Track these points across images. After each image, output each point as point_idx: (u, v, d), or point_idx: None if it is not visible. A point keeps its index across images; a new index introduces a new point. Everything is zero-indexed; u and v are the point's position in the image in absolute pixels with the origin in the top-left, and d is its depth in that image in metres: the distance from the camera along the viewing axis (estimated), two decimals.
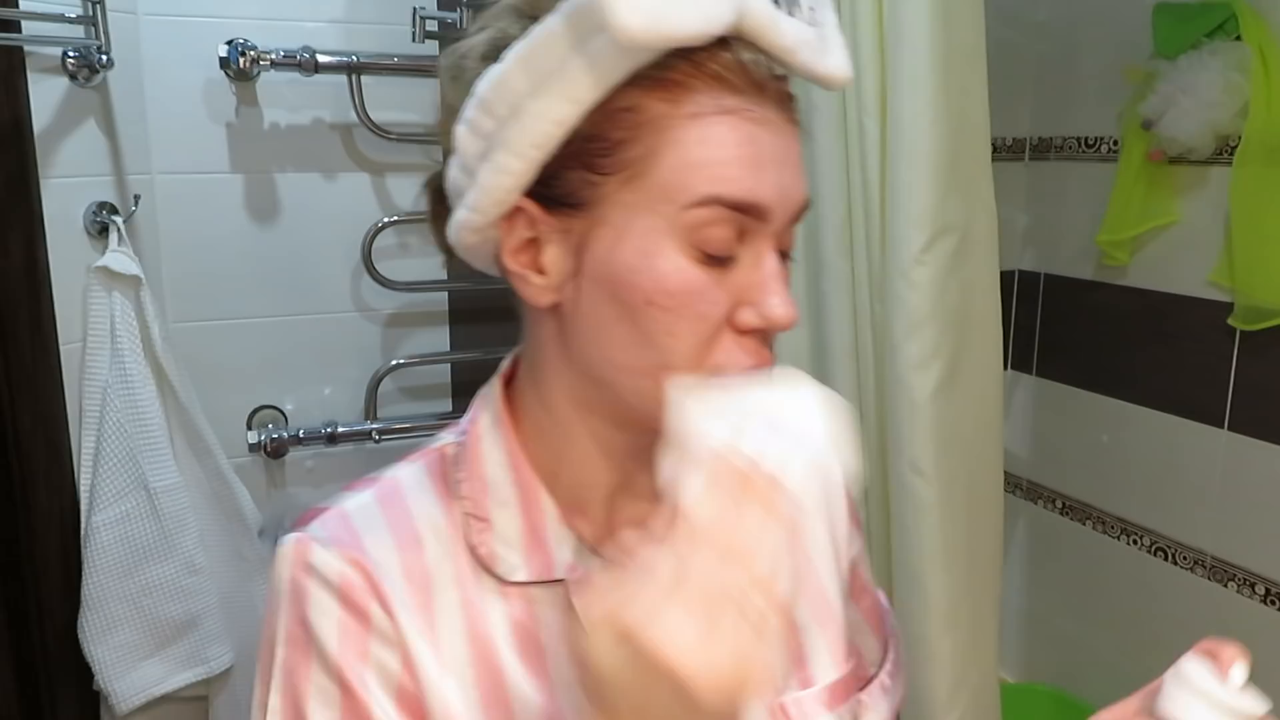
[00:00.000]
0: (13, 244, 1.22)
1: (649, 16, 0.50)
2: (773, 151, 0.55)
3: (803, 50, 0.56)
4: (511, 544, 0.61)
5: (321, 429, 1.55)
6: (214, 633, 1.39)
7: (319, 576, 0.58)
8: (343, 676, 0.57)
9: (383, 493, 0.64)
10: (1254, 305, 1.55)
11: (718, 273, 0.55)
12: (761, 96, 0.55)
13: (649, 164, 0.54)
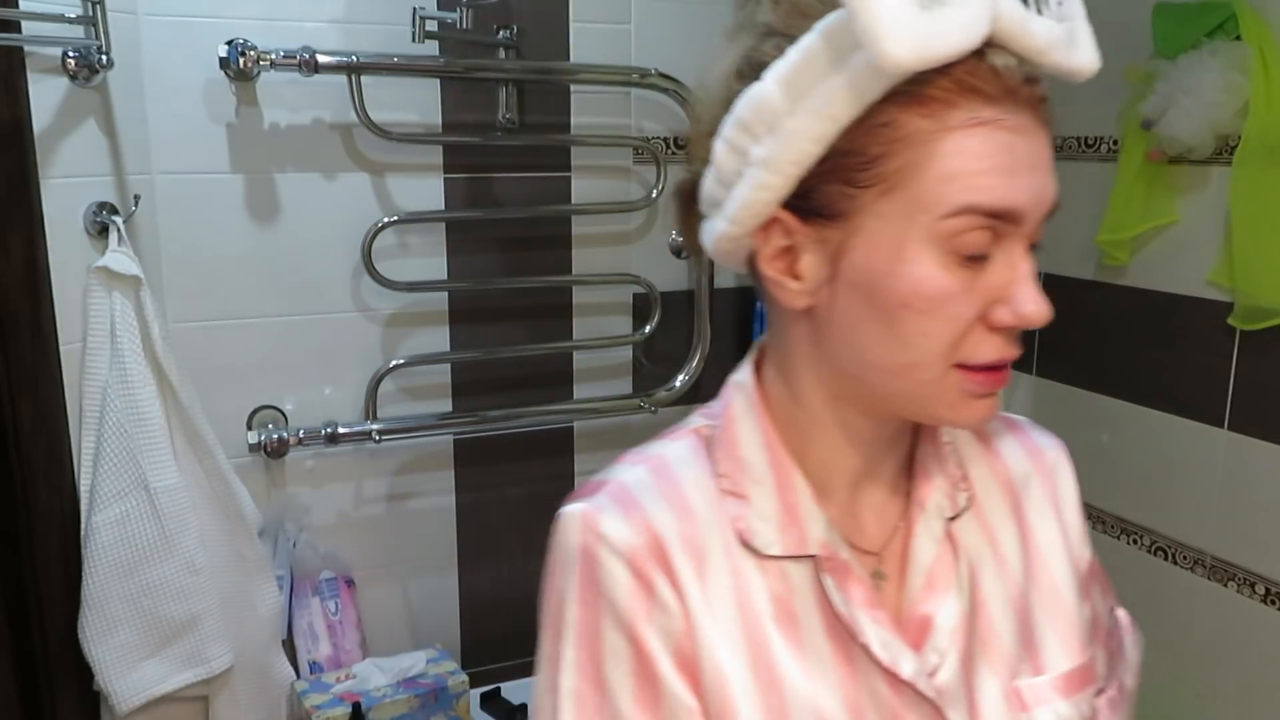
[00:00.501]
0: (13, 244, 1.22)
1: (914, 43, 0.52)
2: (1026, 157, 0.57)
3: (1053, 50, 0.57)
4: (767, 520, 0.65)
5: (321, 429, 1.55)
6: (214, 633, 1.39)
7: (609, 545, 0.62)
8: (633, 635, 0.61)
9: (654, 466, 0.67)
10: (1254, 305, 1.55)
11: (971, 274, 0.58)
12: (1015, 103, 0.57)
13: (906, 176, 0.57)
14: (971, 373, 0.60)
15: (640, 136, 1.75)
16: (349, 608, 1.62)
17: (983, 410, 0.62)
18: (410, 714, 1.50)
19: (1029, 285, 0.59)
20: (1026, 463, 0.73)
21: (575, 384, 1.80)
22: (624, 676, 0.61)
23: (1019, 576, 0.69)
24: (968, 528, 0.69)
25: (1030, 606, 0.69)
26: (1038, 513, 0.72)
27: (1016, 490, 0.72)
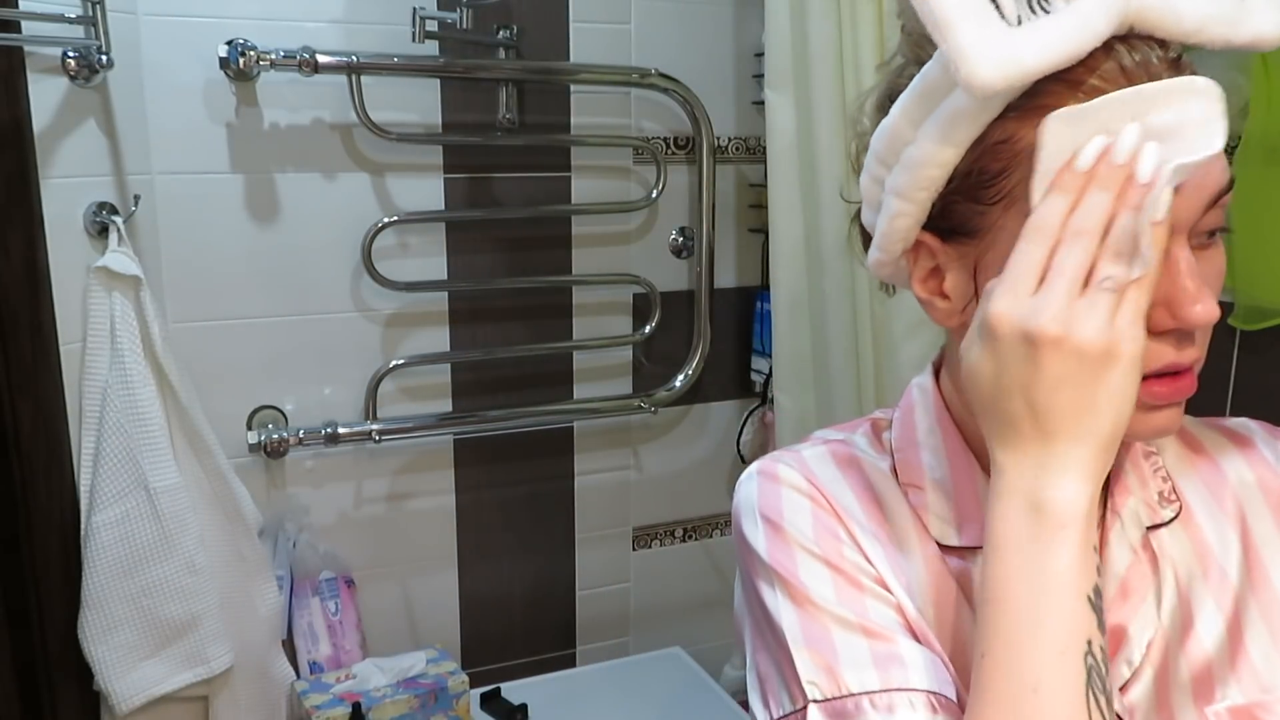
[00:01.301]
0: (13, 244, 1.22)
1: (1000, 65, 0.51)
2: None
3: (1211, 27, 0.54)
4: (945, 514, 0.65)
5: (321, 429, 1.55)
6: (214, 633, 1.39)
7: (788, 483, 0.66)
8: (827, 558, 0.62)
9: (835, 448, 0.69)
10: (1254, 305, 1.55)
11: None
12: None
13: (1027, 188, 0.55)
14: (1144, 384, 0.55)
15: (640, 136, 1.75)
16: (349, 608, 1.62)
17: (1161, 422, 0.57)
18: (410, 714, 1.50)
19: (1188, 281, 0.54)
20: (1247, 471, 0.68)
21: (575, 384, 1.80)
22: (827, 586, 0.62)
23: (1236, 585, 0.64)
24: (1175, 539, 0.65)
25: (1246, 618, 0.64)
26: (1264, 524, 0.66)
27: (1240, 499, 0.67)
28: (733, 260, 1.87)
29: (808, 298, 1.51)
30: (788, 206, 1.50)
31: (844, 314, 1.45)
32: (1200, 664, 0.62)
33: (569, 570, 1.86)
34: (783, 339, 1.55)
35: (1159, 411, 0.57)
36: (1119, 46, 0.53)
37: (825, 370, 1.50)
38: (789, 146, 1.48)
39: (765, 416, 1.86)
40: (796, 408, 1.56)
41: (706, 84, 1.73)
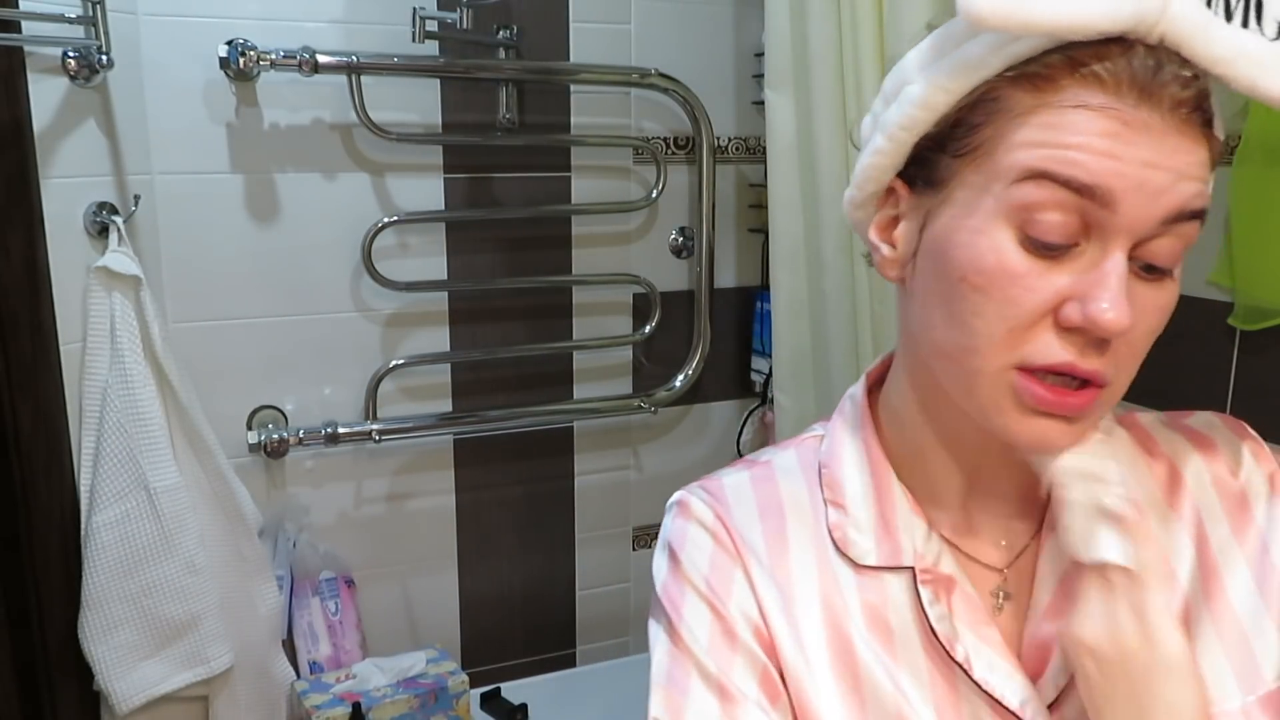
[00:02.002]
0: (13, 244, 1.22)
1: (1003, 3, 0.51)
2: (1142, 151, 0.52)
3: (1241, 62, 0.52)
4: (864, 530, 0.64)
5: (321, 429, 1.55)
6: (214, 633, 1.39)
7: (696, 519, 0.67)
8: (712, 601, 0.63)
9: (756, 473, 0.70)
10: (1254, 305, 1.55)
11: (1046, 261, 0.54)
12: (1146, 102, 0.52)
13: (995, 144, 0.55)
14: (1031, 380, 0.55)
15: (640, 136, 1.75)
16: (349, 608, 1.62)
17: (1046, 432, 0.56)
18: (410, 714, 1.50)
19: (1110, 285, 0.52)
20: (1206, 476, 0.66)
21: (575, 384, 1.80)
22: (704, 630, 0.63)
23: (1189, 597, 0.63)
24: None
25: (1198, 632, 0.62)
26: (1220, 535, 0.65)
27: (1198, 508, 0.65)
28: (733, 260, 1.87)
29: (808, 298, 1.51)
30: (788, 206, 1.50)
31: (844, 314, 1.45)
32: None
33: (569, 570, 1.86)
34: (783, 339, 1.55)
35: (1039, 419, 0.56)
36: (1140, 49, 0.52)
37: (825, 370, 1.50)
38: (789, 146, 1.48)
39: (765, 416, 1.86)
40: (796, 408, 1.56)
41: (706, 84, 1.73)
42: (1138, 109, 0.52)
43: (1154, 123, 0.52)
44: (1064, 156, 0.52)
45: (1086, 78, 0.52)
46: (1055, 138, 0.53)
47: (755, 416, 1.89)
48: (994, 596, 0.64)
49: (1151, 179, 0.52)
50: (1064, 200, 0.53)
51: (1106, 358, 0.55)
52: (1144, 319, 0.56)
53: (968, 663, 0.60)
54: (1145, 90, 0.52)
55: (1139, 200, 0.52)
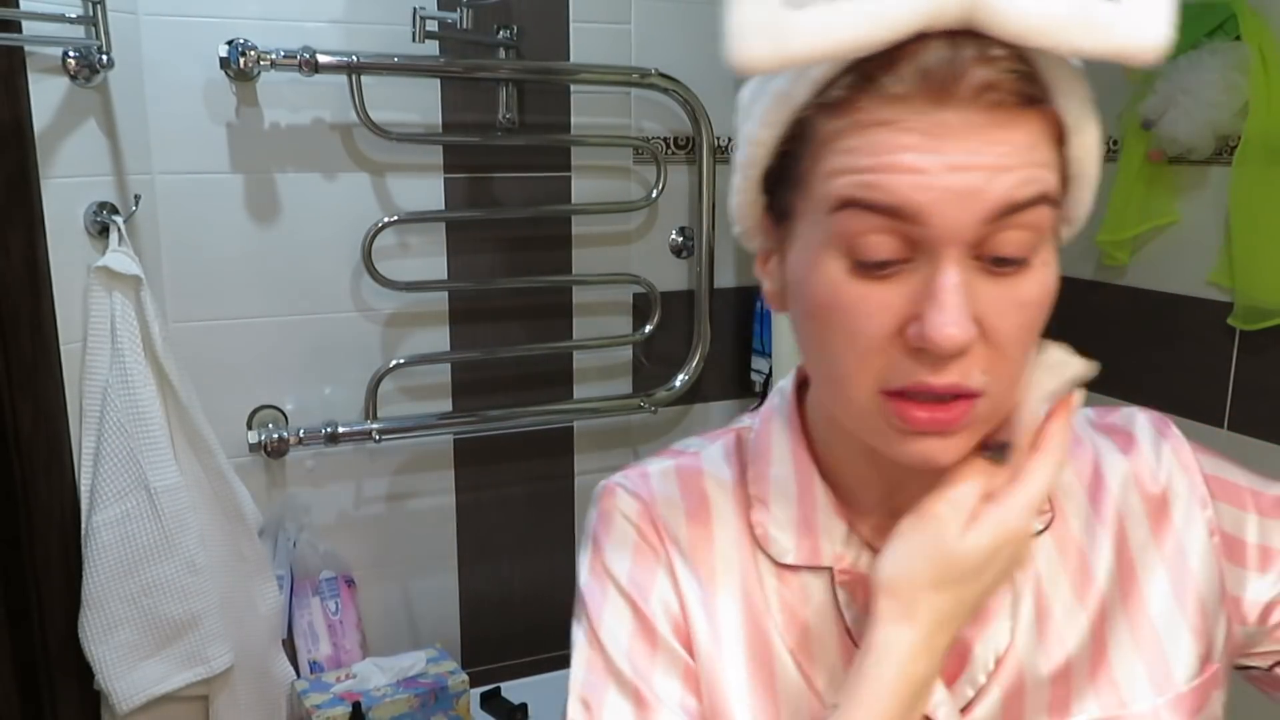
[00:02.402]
0: (13, 244, 1.22)
1: (761, 47, 0.49)
2: (947, 156, 0.50)
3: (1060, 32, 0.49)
4: (785, 528, 0.64)
5: (321, 429, 1.55)
6: (214, 633, 1.39)
7: (621, 510, 0.66)
8: (633, 597, 0.63)
9: (683, 463, 0.69)
10: (1254, 305, 1.55)
11: (881, 283, 0.52)
12: (943, 102, 0.50)
13: (812, 175, 0.54)
14: (899, 402, 0.53)
15: (640, 136, 1.75)
16: (349, 607, 1.62)
17: (926, 451, 0.54)
18: (410, 714, 1.50)
19: (940, 301, 0.50)
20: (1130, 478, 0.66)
21: (575, 384, 1.80)
22: (623, 632, 0.63)
23: (1105, 600, 0.63)
24: (1045, 549, 0.63)
25: (1112, 635, 0.62)
26: (1140, 539, 0.64)
27: (1121, 511, 0.65)
28: (733, 260, 1.87)
29: None
30: None
31: None
32: (1059, 678, 0.61)
33: (569, 570, 1.86)
34: (783, 339, 1.55)
35: (918, 439, 0.54)
36: (934, 44, 0.49)
37: None
38: None
39: None
40: None
41: (706, 84, 1.73)
42: (934, 112, 0.50)
43: (955, 121, 0.50)
44: (867, 180, 0.51)
45: (879, 92, 0.50)
46: (857, 161, 0.51)
47: None
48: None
49: (961, 183, 0.50)
50: (879, 223, 0.51)
51: (968, 367, 0.52)
52: (1004, 319, 0.53)
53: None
54: (940, 90, 0.49)
55: (952, 209, 0.50)
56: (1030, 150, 0.51)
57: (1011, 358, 0.54)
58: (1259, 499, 0.67)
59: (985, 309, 0.52)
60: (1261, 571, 0.65)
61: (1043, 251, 0.55)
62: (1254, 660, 0.69)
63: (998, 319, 0.53)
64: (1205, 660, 0.63)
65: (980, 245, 0.52)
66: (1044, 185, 0.52)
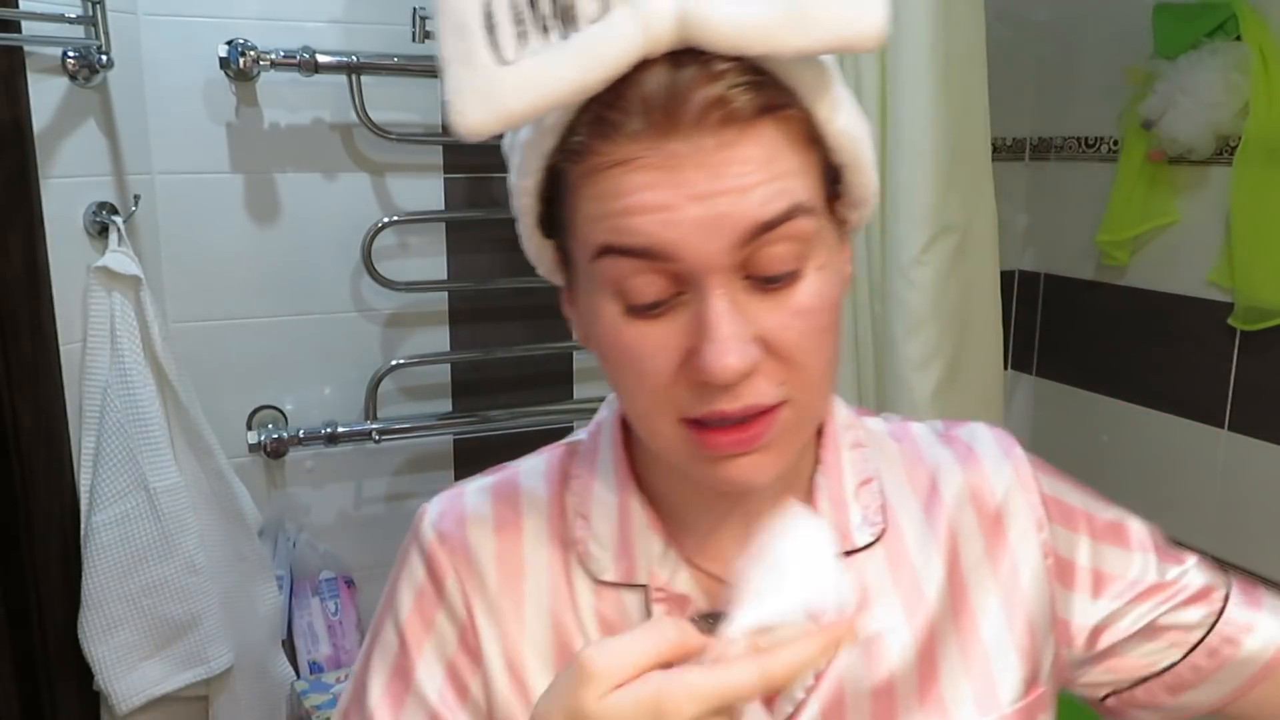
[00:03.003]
0: (13, 244, 1.22)
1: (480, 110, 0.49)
2: (688, 188, 0.49)
3: (761, 37, 0.48)
4: (604, 544, 0.63)
5: (321, 429, 1.55)
6: (214, 633, 1.39)
7: (419, 543, 0.65)
8: (404, 635, 0.63)
9: (500, 479, 0.69)
10: (1254, 305, 1.55)
11: (656, 322, 0.52)
12: (670, 133, 0.49)
13: (572, 222, 0.53)
14: (698, 431, 0.53)
15: None
16: (349, 608, 1.62)
17: (739, 472, 0.54)
18: None
19: (711, 333, 0.50)
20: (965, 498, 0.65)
21: (575, 384, 1.80)
22: (384, 667, 0.63)
23: (934, 615, 0.62)
24: (875, 564, 0.62)
25: (942, 650, 0.62)
26: (973, 553, 0.64)
27: (954, 524, 0.64)
28: None
29: None
30: None
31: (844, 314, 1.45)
32: (882, 693, 0.60)
33: None
34: None
35: (728, 462, 0.53)
36: (653, 72, 0.48)
37: None
38: None
39: None
40: None
41: None
42: (665, 144, 0.49)
43: (686, 150, 0.49)
44: (617, 225, 0.50)
45: (611, 132, 0.49)
46: (605, 206, 0.50)
47: None
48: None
49: (705, 213, 0.49)
50: (638, 265, 0.50)
51: (760, 386, 0.52)
52: (785, 332, 0.52)
53: None
54: (666, 119, 0.48)
55: (702, 241, 0.49)
56: (771, 163, 0.50)
57: (807, 365, 0.53)
58: (1093, 522, 0.68)
59: (764, 327, 0.52)
60: (1092, 596, 0.66)
61: (815, 256, 0.53)
62: (1085, 691, 0.69)
63: (779, 333, 0.52)
64: (1031, 683, 0.63)
65: (744, 267, 0.51)
66: (793, 196, 0.51)
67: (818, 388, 0.55)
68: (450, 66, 0.49)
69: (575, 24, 0.48)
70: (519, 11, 0.48)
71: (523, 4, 0.48)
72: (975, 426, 0.70)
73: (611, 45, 0.48)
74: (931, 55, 1.29)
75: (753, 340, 0.51)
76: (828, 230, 0.55)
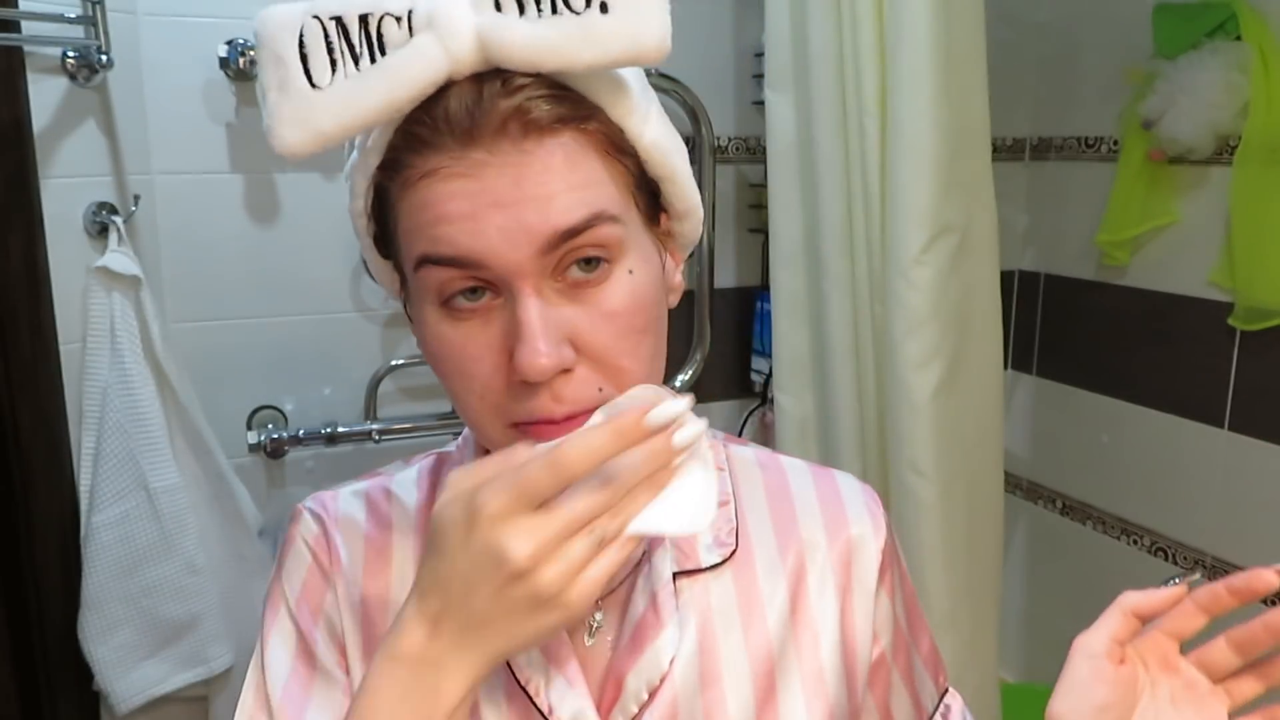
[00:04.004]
0: (13, 244, 1.22)
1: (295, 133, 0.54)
2: (488, 196, 0.52)
3: (549, 55, 0.51)
4: None
5: (321, 429, 1.55)
6: (214, 633, 1.39)
7: (303, 534, 0.67)
8: (299, 622, 0.64)
9: (374, 484, 0.70)
10: (1254, 305, 1.55)
11: (476, 327, 0.54)
12: (472, 142, 0.52)
13: (395, 236, 0.56)
14: (525, 432, 0.55)
15: None
16: None
17: None
18: None
19: (522, 334, 0.52)
20: (819, 529, 0.66)
21: None
22: (286, 656, 0.64)
23: (776, 642, 0.63)
24: (721, 587, 0.63)
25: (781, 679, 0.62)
26: (818, 584, 0.65)
27: (803, 553, 0.66)
28: (733, 260, 1.87)
29: (808, 298, 1.51)
30: (788, 206, 1.50)
31: (844, 314, 1.45)
32: (717, 712, 0.60)
33: None
34: (783, 339, 1.55)
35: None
36: (460, 87, 0.52)
37: (825, 370, 1.50)
38: (789, 146, 1.48)
39: (765, 417, 1.86)
40: (796, 408, 1.56)
41: (706, 84, 1.72)
42: (468, 153, 0.52)
43: (487, 159, 0.51)
44: (429, 235, 0.53)
45: (419, 146, 0.53)
46: (418, 219, 0.53)
47: (755, 417, 1.89)
48: (587, 626, 0.63)
49: (507, 221, 0.51)
50: (453, 274, 0.53)
51: (579, 389, 0.54)
52: (597, 334, 0.54)
53: (536, 692, 0.59)
54: (468, 130, 0.51)
55: (506, 249, 0.52)
56: (571, 171, 0.53)
57: (624, 366, 0.55)
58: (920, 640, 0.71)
59: (576, 329, 0.54)
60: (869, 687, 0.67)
61: (624, 261, 0.55)
62: None
63: (591, 335, 0.54)
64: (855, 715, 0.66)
65: (555, 271, 0.53)
66: (595, 204, 0.53)
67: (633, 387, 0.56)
68: (269, 94, 0.54)
69: (384, 49, 0.52)
70: (330, 41, 0.52)
71: (334, 33, 0.52)
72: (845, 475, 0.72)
73: (415, 65, 0.52)
74: (931, 55, 1.29)
75: (564, 341, 0.53)
76: (641, 237, 0.57)
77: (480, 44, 0.52)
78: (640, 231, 0.57)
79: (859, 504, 0.69)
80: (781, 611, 0.64)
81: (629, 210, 0.56)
